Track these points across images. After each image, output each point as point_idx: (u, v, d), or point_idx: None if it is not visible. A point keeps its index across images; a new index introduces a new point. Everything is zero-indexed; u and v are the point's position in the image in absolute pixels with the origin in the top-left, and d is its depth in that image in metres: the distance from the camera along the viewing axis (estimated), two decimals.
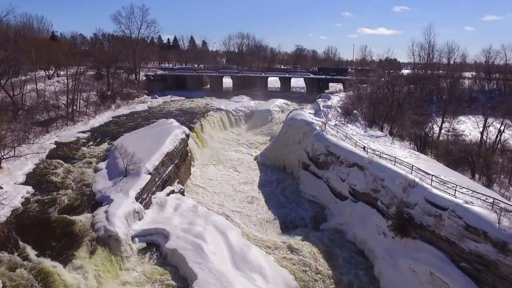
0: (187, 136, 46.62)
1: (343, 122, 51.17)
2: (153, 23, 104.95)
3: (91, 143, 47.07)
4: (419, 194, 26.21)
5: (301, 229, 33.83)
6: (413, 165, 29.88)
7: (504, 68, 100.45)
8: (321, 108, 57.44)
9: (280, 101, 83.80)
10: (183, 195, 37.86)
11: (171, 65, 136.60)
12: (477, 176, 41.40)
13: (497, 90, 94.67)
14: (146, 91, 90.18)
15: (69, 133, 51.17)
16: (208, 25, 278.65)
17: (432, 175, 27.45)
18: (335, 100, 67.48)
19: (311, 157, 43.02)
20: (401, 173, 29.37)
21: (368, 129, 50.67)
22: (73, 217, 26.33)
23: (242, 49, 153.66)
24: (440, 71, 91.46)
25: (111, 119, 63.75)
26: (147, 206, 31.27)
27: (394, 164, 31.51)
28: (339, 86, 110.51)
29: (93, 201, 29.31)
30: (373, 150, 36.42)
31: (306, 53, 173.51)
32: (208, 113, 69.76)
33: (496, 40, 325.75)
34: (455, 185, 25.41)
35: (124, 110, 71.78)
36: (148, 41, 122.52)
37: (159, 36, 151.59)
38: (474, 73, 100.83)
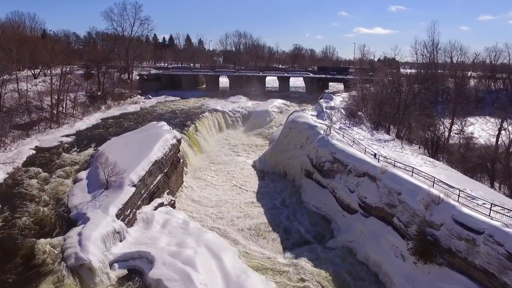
0: (179, 141, 42.63)
1: (348, 125, 47.42)
2: (147, 20, 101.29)
3: (75, 148, 43.24)
4: (445, 213, 22.46)
5: (305, 247, 30.03)
6: (434, 177, 26.14)
7: (509, 67, 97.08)
8: (324, 109, 53.52)
9: (279, 102, 79.82)
10: (174, 207, 34.08)
11: (166, 64, 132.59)
12: (496, 184, 38.01)
13: (504, 90, 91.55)
14: (140, 91, 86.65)
15: (52, 137, 47.50)
16: (204, 24, 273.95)
17: (459, 190, 23.71)
18: (337, 100, 63.65)
19: (315, 164, 39.24)
20: (422, 186, 25.55)
21: (374, 132, 46.99)
22: (41, 241, 22.42)
23: (239, 48, 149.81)
24: (446, 71, 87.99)
25: (100, 121, 60.09)
26: (130, 223, 27.45)
27: (412, 175, 27.76)
28: (339, 85, 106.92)
29: (67, 220, 25.49)
30: (385, 157, 32.73)
31: (304, 52, 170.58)
32: (203, 114, 65.70)
33: (491, 39, 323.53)
34: (488, 203, 21.72)
35: (114, 111, 67.97)
36: (143, 40, 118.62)
37: (155, 34, 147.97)
38: (478, 73, 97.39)
